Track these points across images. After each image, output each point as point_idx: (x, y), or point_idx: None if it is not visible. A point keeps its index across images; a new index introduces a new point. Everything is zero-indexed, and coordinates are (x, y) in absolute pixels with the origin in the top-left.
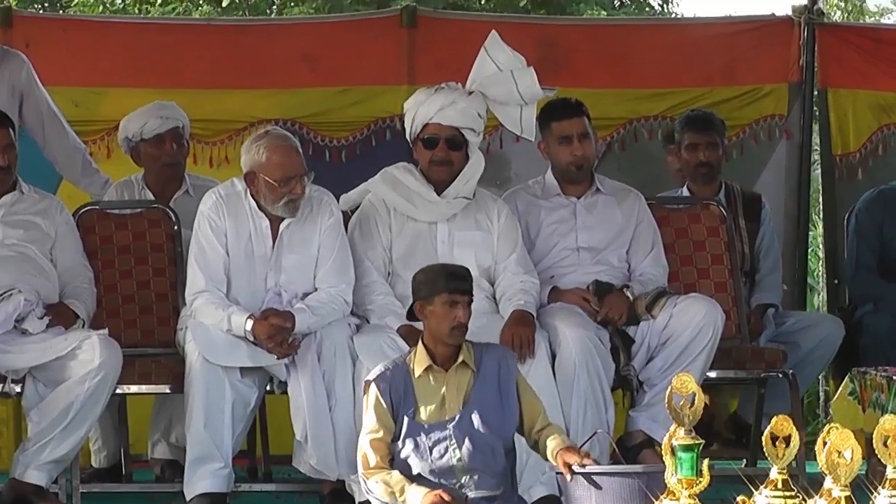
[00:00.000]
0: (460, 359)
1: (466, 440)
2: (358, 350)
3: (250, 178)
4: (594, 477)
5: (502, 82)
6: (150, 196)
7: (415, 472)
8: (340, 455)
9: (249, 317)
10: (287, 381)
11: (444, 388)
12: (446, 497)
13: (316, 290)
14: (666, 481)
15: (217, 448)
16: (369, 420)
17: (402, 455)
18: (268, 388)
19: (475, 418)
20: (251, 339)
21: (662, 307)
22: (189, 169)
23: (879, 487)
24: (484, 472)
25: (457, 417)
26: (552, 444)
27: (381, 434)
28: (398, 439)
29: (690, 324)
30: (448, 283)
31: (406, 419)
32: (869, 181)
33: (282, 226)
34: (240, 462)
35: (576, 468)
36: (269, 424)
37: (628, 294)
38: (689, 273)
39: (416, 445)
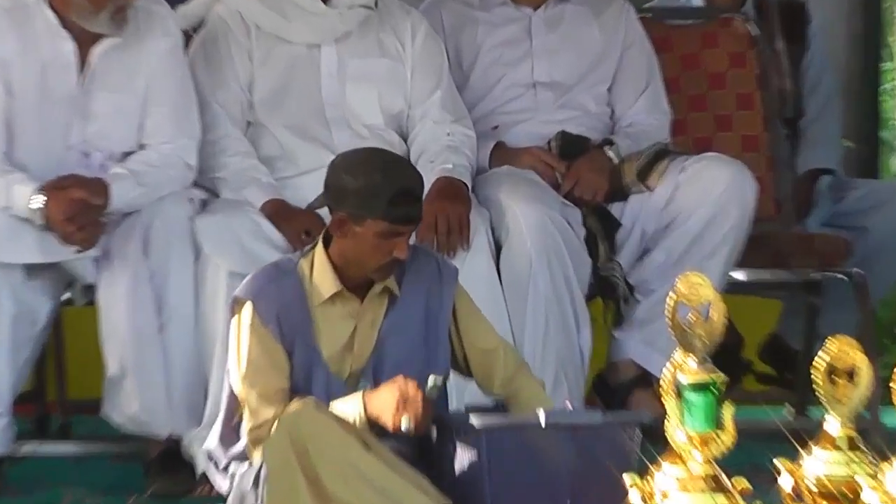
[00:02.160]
0: (381, 285)
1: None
2: (202, 237)
3: None
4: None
5: None
6: None
7: None
8: (176, 399)
9: (41, 188)
10: (96, 286)
11: (354, 324)
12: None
13: (142, 147)
14: (668, 437)
15: None
16: (251, 358)
17: None
18: (66, 296)
19: (385, 366)
20: (41, 221)
21: (663, 174)
22: None
23: None
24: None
25: (367, 367)
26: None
27: (273, 378)
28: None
29: (705, 199)
30: (394, 207)
31: (309, 363)
32: None
33: (95, 50)
34: (24, 410)
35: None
36: (68, 354)
37: (611, 154)
38: (702, 122)
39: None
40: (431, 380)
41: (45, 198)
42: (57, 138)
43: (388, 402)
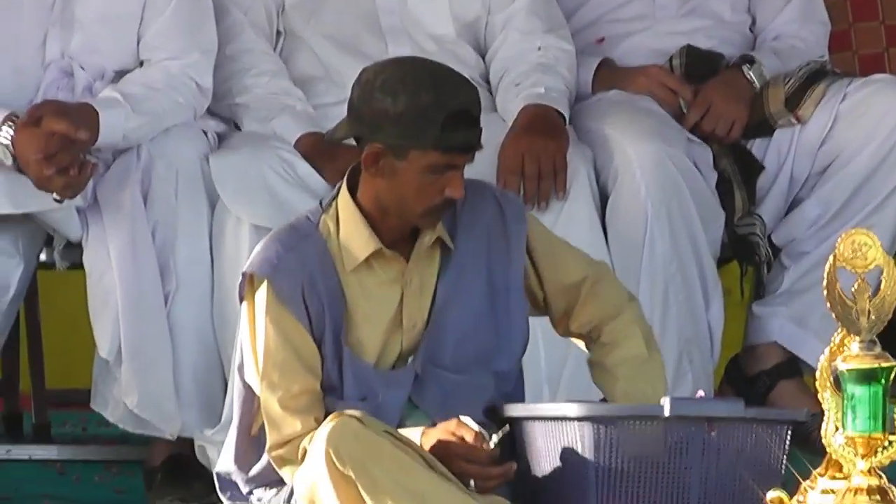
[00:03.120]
0: (431, 236)
1: (432, 385)
2: (219, 181)
3: None
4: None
5: None
6: None
7: None
8: (186, 389)
9: (8, 118)
10: (83, 244)
11: (401, 291)
12: (464, 434)
13: (142, 64)
14: (825, 441)
15: None
16: (269, 352)
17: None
18: (43, 257)
19: (446, 345)
20: (10, 161)
21: (819, 102)
22: None
23: None
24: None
25: (422, 346)
26: (622, 381)
27: (298, 376)
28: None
29: (874, 134)
30: (448, 132)
31: (339, 346)
32: None
33: None
34: None
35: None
36: (46, 332)
37: (751, 76)
38: (871, 35)
39: (362, 395)
40: (495, 438)
41: (14, 129)
42: (30, 53)
43: (447, 453)
